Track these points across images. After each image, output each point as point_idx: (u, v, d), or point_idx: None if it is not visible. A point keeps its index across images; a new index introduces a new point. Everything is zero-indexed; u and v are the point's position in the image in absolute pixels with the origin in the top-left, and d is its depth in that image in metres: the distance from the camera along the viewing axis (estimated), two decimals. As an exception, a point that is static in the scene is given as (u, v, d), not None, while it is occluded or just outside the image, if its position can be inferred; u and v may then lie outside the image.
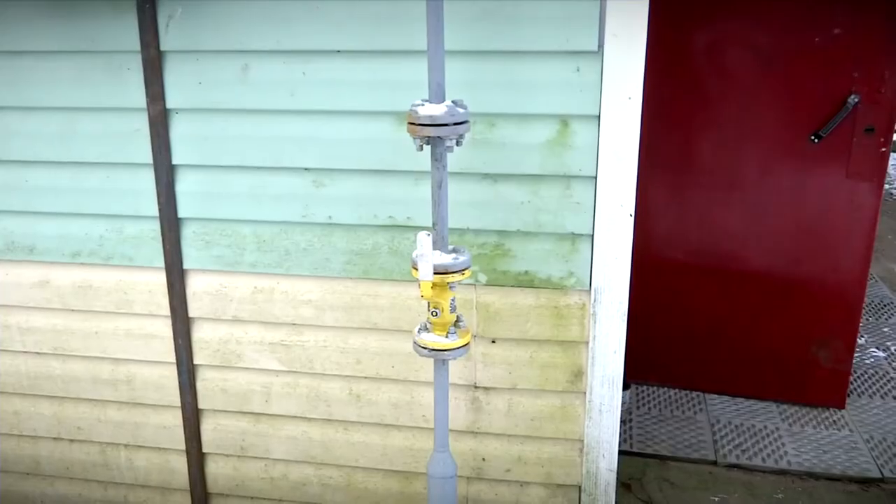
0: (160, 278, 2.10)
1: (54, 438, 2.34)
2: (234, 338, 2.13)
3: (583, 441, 2.03)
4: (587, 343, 1.95)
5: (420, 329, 1.68)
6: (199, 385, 2.19)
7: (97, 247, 2.10)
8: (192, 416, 2.20)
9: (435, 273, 1.56)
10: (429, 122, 1.50)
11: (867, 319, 3.74)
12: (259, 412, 2.19)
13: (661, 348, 3.06)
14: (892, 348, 3.45)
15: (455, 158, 1.77)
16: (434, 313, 1.62)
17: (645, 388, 3.14)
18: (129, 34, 1.88)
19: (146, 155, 1.98)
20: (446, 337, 1.64)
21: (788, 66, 2.66)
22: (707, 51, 2.73)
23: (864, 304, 3.02)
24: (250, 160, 1.94)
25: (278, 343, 2.11)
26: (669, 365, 3.09)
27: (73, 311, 2.18)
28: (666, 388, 3.12)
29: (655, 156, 2.80)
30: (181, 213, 2.03)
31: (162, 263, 2.07)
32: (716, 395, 3.06)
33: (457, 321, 1.67)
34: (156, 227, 2.05)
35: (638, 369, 3.07)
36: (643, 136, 1.77)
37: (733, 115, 2.75)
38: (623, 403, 2.68)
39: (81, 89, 1.94)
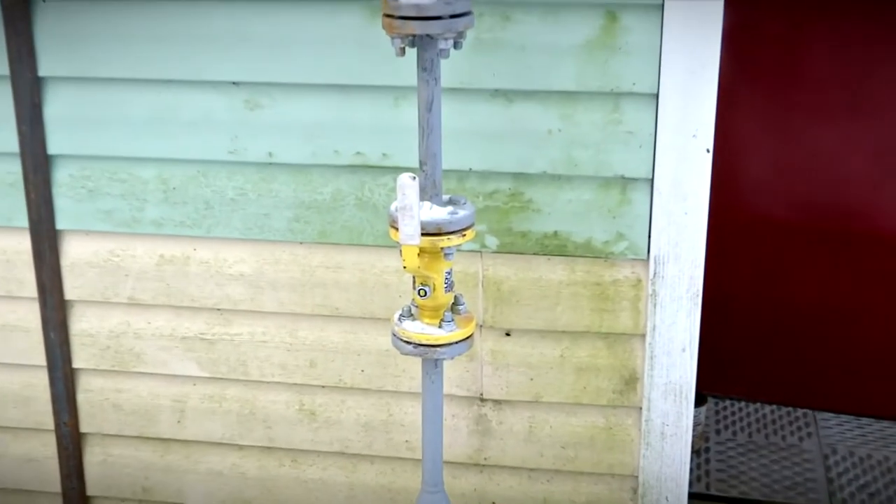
0: (22, 243, 2.15)
1: None
2: (132, 329, 2.19)
3: (637, 478, 2.09)
4: (643, 336, 2.01)
5: (402, 315, 1.73)
6: (81, 398, 2.25)
7: (-71, 197, 2.14)
8: (70, 444, 2.26)
9: (424, 234, 1.60)
10: (414, 14, 1.52)
11: None
12: (168, 437, 2.25)
13: (752, 346, 3.11)
14: None
15: (452, 67, 1.80)
16: (422, 292, 1.66)
17: (728, 403, 3.20)
18: None
19: None
20: (440, 327, 1.69)
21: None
22: None
23: None
24: (153, 70, 1.98)
25: (196, 337, 2.17)
26: (764, 370, 3.14)
27: None
28: (758, 404, 3.18)
29: (743, 64, 2.81)
30: (52, 149, 2.07)
31: (25, 222, 2.12)
32: (831, 414, 3.11)
33: (455, 304, 1.72)
34: (15, 168, 2.08)
35: (718, 376, 3.11)
36: (726, 34, 1.80)
37: (860, 2, 2.76)
38: (696, 425, 2.74)
39: None
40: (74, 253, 2.14)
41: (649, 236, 1.94)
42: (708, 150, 1.85)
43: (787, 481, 2.81)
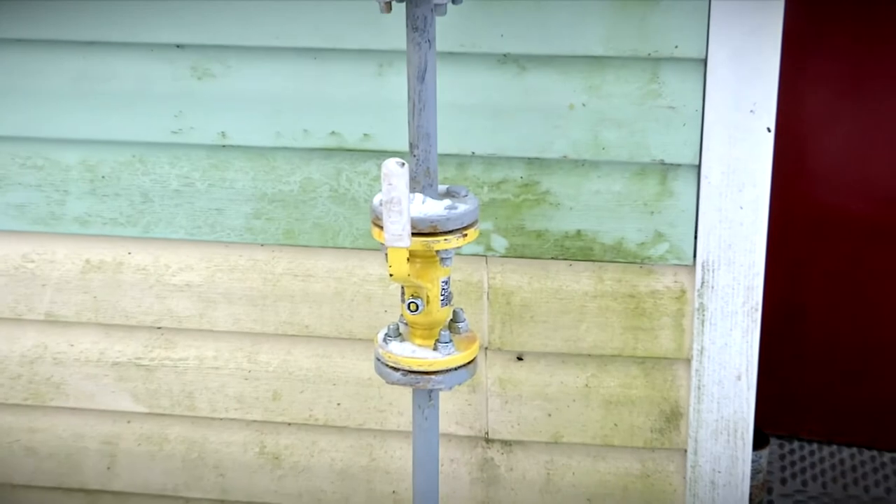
0: (-86, 246, 2.15)
1: None
2: (50, 353, 2.20)
3: (681, 537, 2.11)
4: (689, 361, 2.02)
5: (388, 335, 1.73)
6: (-12, 439, 2.26)
7: None
8: (-26, 496, 2.28)
9: (415, 234, 1.61)
10: (403, -38, 1.53)
11: None
12: (96, 488, 2.25)
13: (826, 373, 3.11)
14: None
15: (450, 27, 1.81)
16: (413, 307, 1.67)
17: (796, 444, 3.20)
18: None
19: None
20: (435, 349, 1.69)
21: None
22: None
23: None
24: (77, 30, 1.98)
25: (131, 362, 2.18)
26: (841, 404, 3.14)
27: None
28: (835, 447, 3.18)
29: (813, 22, 2.83)
30: (-49, 127, 2.08)
31: (-83, 218, 2.13)
32: (925, 460, 3.13)
33: (454, 321, 1.73)
34: None
35: (783, 411, 3.12)
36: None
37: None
38: (756, 472, 2.75)
39: None
40: (-21, 258, 2.16)
41: (696, 237, 1.95)
42: (769, 130, 1.86)
43: (871, 543, 2.82)
